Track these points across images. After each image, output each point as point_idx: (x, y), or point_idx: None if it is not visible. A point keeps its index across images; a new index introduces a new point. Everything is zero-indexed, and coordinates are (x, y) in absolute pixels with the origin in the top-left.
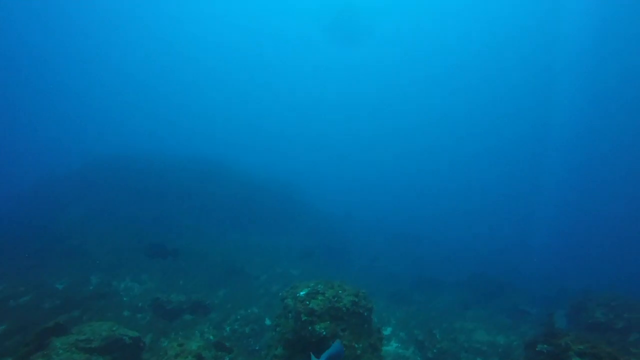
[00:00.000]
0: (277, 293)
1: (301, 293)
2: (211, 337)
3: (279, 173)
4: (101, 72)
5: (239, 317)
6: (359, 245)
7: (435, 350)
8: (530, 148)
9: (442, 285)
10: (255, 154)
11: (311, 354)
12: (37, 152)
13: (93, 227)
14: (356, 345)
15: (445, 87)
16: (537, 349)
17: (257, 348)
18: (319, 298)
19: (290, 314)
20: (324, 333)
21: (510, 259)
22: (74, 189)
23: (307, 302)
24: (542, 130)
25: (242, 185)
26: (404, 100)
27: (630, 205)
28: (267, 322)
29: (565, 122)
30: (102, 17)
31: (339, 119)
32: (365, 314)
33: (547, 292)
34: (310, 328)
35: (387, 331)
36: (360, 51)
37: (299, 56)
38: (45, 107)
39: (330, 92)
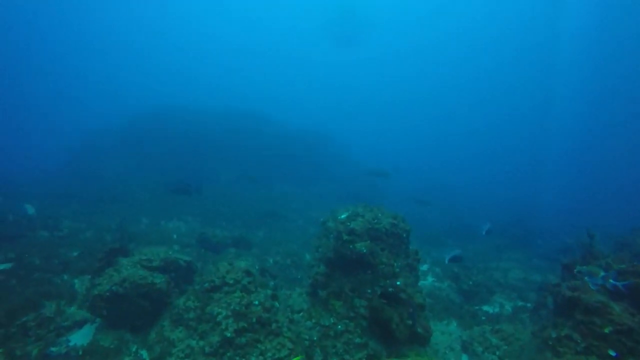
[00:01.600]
0: (314, 234)
1: (342, 216)
2: (256, 267)
3: (312, 126)
4: (147, 31)
5: (280, 250)
6: (391, 193)
7: (470, 283)
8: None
9: (475, 232)
10: (290, 105)
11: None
12: (87, 107)
13: (136, 177)
14: (394, 264)
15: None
16: (575, 271)
17: (298, 277)
18: (359, 220)
19: (331, 235)
20: (364, 250)
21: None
22: (119, 141)
23: (348, 223)
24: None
25: (277, 136)
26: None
27: None
28: (307, 257)
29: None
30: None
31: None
32: (404, 235)
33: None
34: (351, 246)
35: (423, 267)
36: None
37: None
38: (91, 68)
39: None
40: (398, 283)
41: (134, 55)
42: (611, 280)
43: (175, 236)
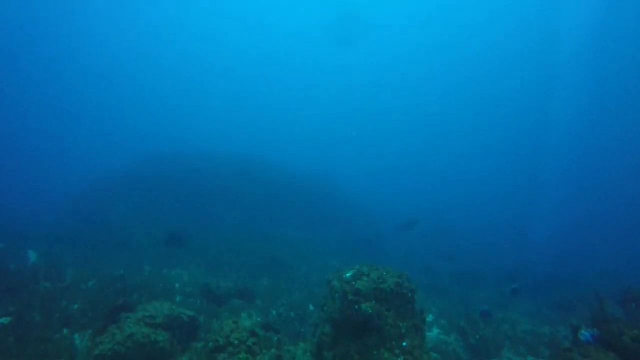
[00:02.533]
0: (318, 282)
1: (347, 275)
2: (259, 320)
3: (316, 169)
4: (151, 77)
5: (283, 302)
6: (394, 239)
7: (477, 337)
8: (532, 145)
9: (481, 278)
10: (291, 151)
11: None
12: (94, 153)
13: (141, 221)
14: (401, 325)
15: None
16: (583, 333)
17: (302, 330)
18: (364, 279)
19: (336, 294)
20: (370, 311)
21: (553, 254)
22: (125, 186)
23: (353, 283)
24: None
25: (279, 181)
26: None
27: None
28: (311, 307)
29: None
30: (150, 19)
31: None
32: (409, 295)
33: (596, 285)
34: (356, 307)
35: (429, 318)
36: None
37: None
38: (95, 109)
39: (354, 91)
40: (404, 344)
41: (138, 97)
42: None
43: (177, 285)
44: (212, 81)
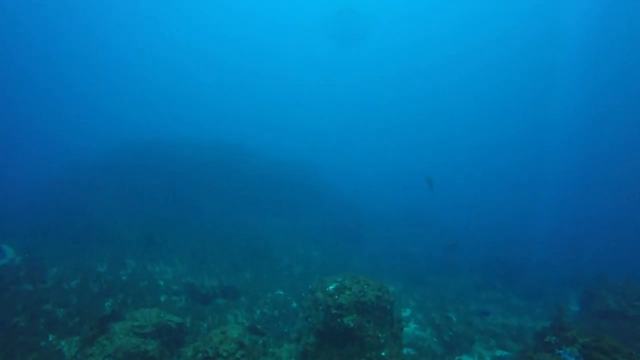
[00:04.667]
0: (300, 275)
1: (330, 287)
2: (244, 321)
3: (297, 157)
4: (129, 62)
5: (267, 300)
6: (376, 227)
7: (451, 334)
8: (533, 141)
9: (457, 268)
10: (274, 139)
11: None
12: (66, 138)
13: (122, 212)
14: (380, 335)
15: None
16: (545, 340)
17: (285, 330)
18: (347, 293)
19: (320, 307)
20: (352, 325)
21: (524, 244)
22: (103, 174)
23: (336, 297)
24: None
25: (261, 169)
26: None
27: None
28: (294, 304)
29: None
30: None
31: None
32: (388, 307)
33: (562, 275)
34: (339, 320)
35: (405, 313)
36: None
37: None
38: (73, 93)
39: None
40: (383, 354)
41: (116, 82)
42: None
43: (162, 283)
44: (194, 69)
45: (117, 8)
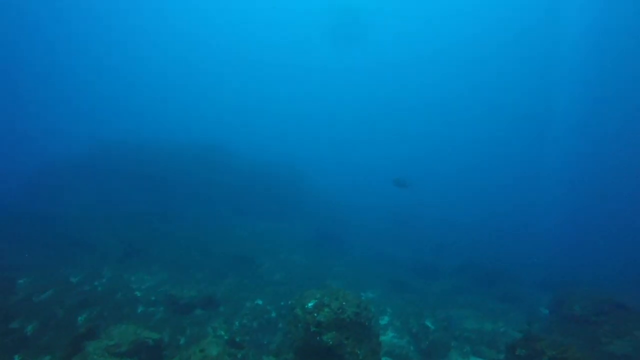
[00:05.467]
0: (280, 282)
1: (309, 305)
2: (223, 334)
3: (281, 159)
4: (106, 60)
5: (246, 311)
6: (360, 229)
7: (427, 342)
8: (531, 140)
9: (440, 271)
10: (257, 141)
11: None
12: (40, 138)
13: (97, 218)
14: (358, 352)
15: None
16: (516, 353)
17: (265, 342)
18: (326, 310)
19: (299, 324)
20: (331, 343)
21: (508, 247)
22: (76, 177)
23: (315, 314)
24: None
25: (244, 171)
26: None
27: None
28: (273, 314)
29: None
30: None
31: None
32: (367, 323)
33: (540, 279)
34: (318, 338)
35: (383, 320)
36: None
37: (298, 55)
38: (46, 92)
39: (333, 86)
40: None
41: (91, 81)
42: None
43: (139, 294)
44: (180, 68)
45: (96, 7)
